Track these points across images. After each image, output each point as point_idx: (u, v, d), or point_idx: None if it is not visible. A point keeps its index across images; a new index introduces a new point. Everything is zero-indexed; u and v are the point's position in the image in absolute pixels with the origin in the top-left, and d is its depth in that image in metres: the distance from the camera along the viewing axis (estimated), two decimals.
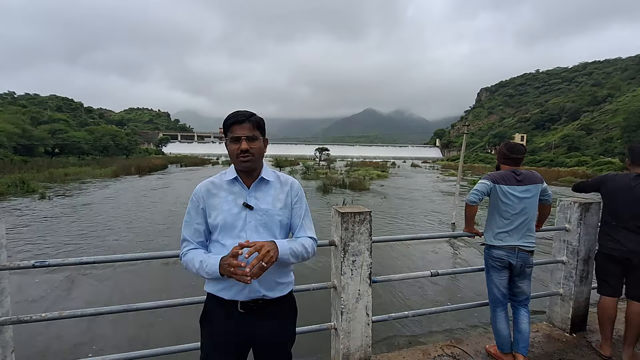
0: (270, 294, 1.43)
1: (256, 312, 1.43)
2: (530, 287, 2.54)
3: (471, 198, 2.49)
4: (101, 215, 12.62)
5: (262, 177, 1.48)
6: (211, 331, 1.45)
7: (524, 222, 2.40)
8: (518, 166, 2.49)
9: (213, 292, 1.44)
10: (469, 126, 15.51)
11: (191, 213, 1.47)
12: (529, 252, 2.44)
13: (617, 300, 2.58)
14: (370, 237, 2.31)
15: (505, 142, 2.60)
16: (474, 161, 76.61)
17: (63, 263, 1.95)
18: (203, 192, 1.47)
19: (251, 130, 1.40)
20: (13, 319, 1.87)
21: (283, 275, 1.48)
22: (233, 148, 1.40)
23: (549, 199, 2.56)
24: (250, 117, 1.41)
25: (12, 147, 38.70)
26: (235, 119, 1.39)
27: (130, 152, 62.48)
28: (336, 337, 2.39)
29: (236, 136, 1.39)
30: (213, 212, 1.43)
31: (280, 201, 1.49)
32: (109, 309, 2.05)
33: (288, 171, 31.74)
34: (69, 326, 4.57)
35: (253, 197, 1.45)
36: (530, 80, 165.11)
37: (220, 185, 1.47)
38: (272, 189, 1.50)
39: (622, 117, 51.89)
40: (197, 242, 1.46)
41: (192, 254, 1.42)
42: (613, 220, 2.53)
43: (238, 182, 1.47)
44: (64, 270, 6.65)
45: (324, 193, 19.82)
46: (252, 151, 1.40)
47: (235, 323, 1.42)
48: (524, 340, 2.44)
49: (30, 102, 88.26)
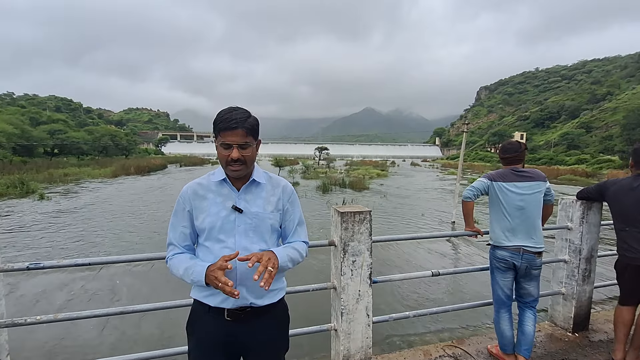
0: (259, 302, 1.36)
1: (244, 320, 1.35)
2: (539, 289, 2.46)
3: (465, 193, 2.48)
4: (100, 216, 12.59)
5: (253, 179, 1.39)
6: (198, 338, 1.38)
7: (526, 220, 2.33)
8: (516, 164, 2.44)
9: (199, 299, 1.37)
10: (468, 125, 15.49)
11: (177, 216, 1.40)
12: (535, 254, 2.34)
13: (635, 308, 2.50)
14: (370, 237, 2.28)
15: (502, 143, 2.61)
16: (473, 160, 76.62)
17: (58, 265, 1.92)
18: (189, 194, 1.38)
19: (244, 137, 1.28)
20: (8, 322, 1.84)
21: (275, 280, 1.39)
22: (223, 154, 1.29)
23: (551, 198, 2.50)
24: (244, 122, 1.28)
25: (11, 148, 38.66)
26: (227, 125, 1.26)
27: (129, 152, 62.43)
28: (336, 338, 2.36)
29: (227, 143, 1.27)
30: (200, 215, 1.36)
31: (271, 204, 1.41)
32: (105, 311, 2.02)
33: (288, 170, 31.72)
34: (65, 329, 4.54)
35: (243, 200, 1.37)
36: (530, 78, 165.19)
37: (208, 186, 1.38)
38: (264, 191, 1.41)
39: (621, 115, 51.80)
40: (184, 246, 1.40)
41: (177, 258, 1.36)
42: (626, 225, 2.44)
43: (227, 184, 1.38)
44: (59, 272, 6.62)
45: (324, 192, 19.81)
46: (244, 159, 1.29)
47: (224, 331, 1.35)
48: (527, 342, 2.39)
49: (29, 102, 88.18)
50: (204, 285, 1.25)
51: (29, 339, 4.30)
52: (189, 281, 1.29)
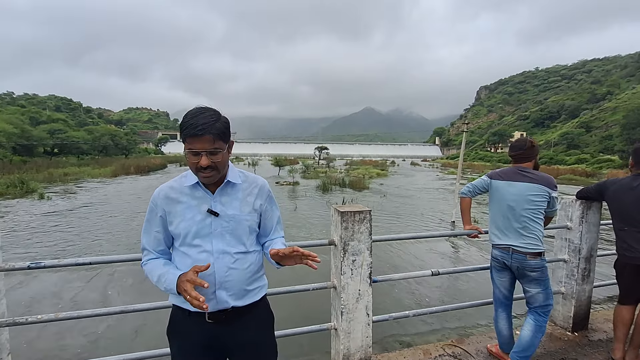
0: (240, 303, 1.31)
1: (226, 321, 1.31)
2: (545, 295, 2.26)
3: (462, 189, 2.48)
4: (100, 216, 12.59)
5: (228, 180, 1.32)
6: (181, 343, 1.34)
7: (517, 220, 2.25)
8: (522, 162, 2.33)
9: (178, 304, 1.32)
10: (468, 124, 15.49)
11: (150, 221, 1.33)
12: (525, 254, 2.22)
13: (635, 307, 2.50)
14: (370, 236, 2.28)
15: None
16: (473, 159, 76.65)
17: (59, 264, 1.92)
18: (161, 198, 1.31)
19: (212, 143, 1.18)
20: (9, 321, 1.84)
21: (254, 281, 1.37)
22: (192, 161, 1.20)
23: (551, 211, 2.32)
24: (212, 128, 1.17)
25: (11, 148, 38.66)
26: (193, 131, 1.15)
27: (129, 151, 62.46)
28: (336, 337, 2.37)
29: (195, 150, 1.18)
30: (174, 220, 1.29)
31: (248, 205, 1.35)
32: (106, 310, 2.02)
33: (288, 170, 31.71)
34: (66, 328, 4.55)
35: (219, 203, 1.30)
36: (530, 78, 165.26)
37: (181, 190, 1.31)
38: (240, 192, 1.35)
39: (621, 115, 51.80)
40: (158, 252, 1.35)
41: (151, 264, 1.31)
42: (625, 225, 2.43)
43: (200, 187, 1.30)
44: (59, 272, 6.63)
45: (324, 192, 19.82)
46: (214, 165, 1.21)
47: (206, 333, 1.31)
48: (519, 345, 2.28)
49: (29, 102, 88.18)
50: (177, 293, 1.20)
51: (29, 338, 4.30)
52: (163, 289, 1.24)
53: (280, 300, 2.41)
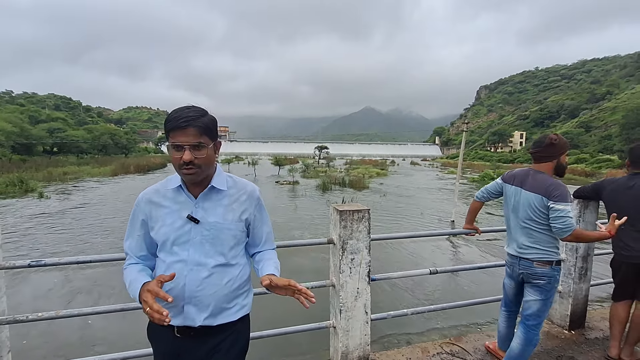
0: (211, 322, 1.21)
1: (195, 336, 1.22)
2: (542, 305, 2.13)
3: (477, 193, 2.47)
4: (99, 215, 12.59)
5: (212, 185, 1.24)
6: (156, 349, 1.29)
7: (521, 228, 2.16)
8: (540, 162, 2.13)
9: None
10: (468, 124, 15.52)
11: (132, 225, 1.28)
12: (532, 261, 2.11)
13: (630, 304, 2.51)
14: (369, 235, 2.29)
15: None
16: (473, 159, 76.69)
17: (59, 262, 1.93)
18: (144, 201, 1.26)
19: (197, 136, 1.13)
20: (9, 318, 1.85)
21: (234, 298, 1.27)
22: (175, 157, 1.14)
23: (557, 225, 2.09)
24: (196, 120, 1.13)
25: (10, 146, 38.64)
26: (176, 123, 1.11)
27: (129, 151, 62.40)
28: (335, 335, 2.38)
29: (177, 144, 1.13)
30: (155, 225, 1.23)
31: (234, 212, 1.27)
32: (107, 308, 2.03)
33: (288, 169, 31.71)
34: (67, 325, 4.56)
35: (201, 209, 1.22)
36: (530, 77, 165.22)
37: (164, 193, 1.25)
38: (225, 198, 1.27)
39: (621, 115, 51.80)
40: (139, 257, 1.28)
41: (128, 270, 1.25)
42: (622, 224, 2.48)
43: (183, 191, 1.24)
44: (60, 270, 6.64)
45: (324, 191, 19.83)
46: (197, 162, 1.14)
47: (176, 345, 1.23)
48: (509, 357, 2.22)
49: (28, 100, 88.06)
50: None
51: (30, 335, 4.32)
52: (132, 297, 1.16)
53: (278, 299, 2.41)
